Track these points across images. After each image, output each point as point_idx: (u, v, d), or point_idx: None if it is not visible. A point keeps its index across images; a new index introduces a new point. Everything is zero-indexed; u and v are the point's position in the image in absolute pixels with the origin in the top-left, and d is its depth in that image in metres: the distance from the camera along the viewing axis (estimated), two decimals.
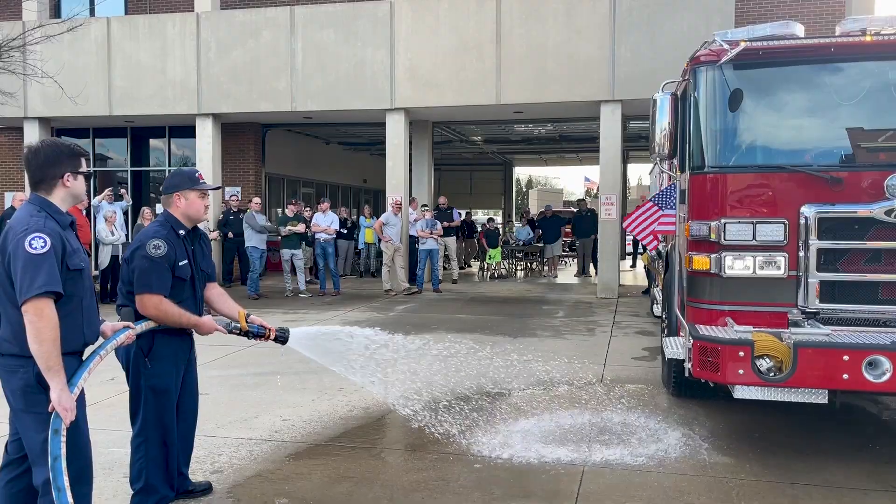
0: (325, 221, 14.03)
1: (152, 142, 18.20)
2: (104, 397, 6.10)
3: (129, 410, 3.84)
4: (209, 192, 4.00)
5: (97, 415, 5.72)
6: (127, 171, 18.15)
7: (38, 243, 2.86)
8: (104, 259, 12.45)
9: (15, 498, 3.17)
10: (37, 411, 2.97)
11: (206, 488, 4.24)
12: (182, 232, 3.84)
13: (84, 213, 12.00)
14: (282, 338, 4.01)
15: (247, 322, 3.90)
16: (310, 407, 6.02)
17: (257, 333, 3.93)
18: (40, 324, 2.84)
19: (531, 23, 13.55)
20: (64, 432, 2.89)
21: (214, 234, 14.05)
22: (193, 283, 3.88)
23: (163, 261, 3.67)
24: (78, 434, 3.08)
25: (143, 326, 3.58)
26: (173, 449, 3.90)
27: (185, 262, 3.81)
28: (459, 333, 9.41)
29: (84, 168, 3.15)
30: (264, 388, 6.67)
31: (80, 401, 3.09)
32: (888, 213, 4.54)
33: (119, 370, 3.88)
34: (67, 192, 3.09)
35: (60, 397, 2.88)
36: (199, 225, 4.06)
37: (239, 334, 3.92)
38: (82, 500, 3.09)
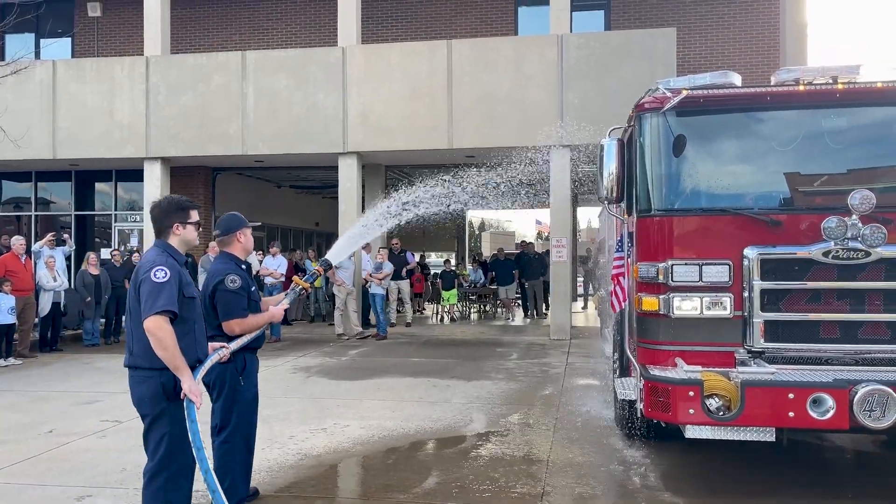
0: (274, 265, 13.82)
1: (98, 185, 17.80)
2: (42, 450, 5.84)
3: (217, 421, 4.42)
4: None
5: (35, 468, 5.47)
6: (71, 215, 17.70)
7: (160, 274, 3.59)
8: (45, 306, 11.92)
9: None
10: (158, 414, 3.61)
11: (254, 494, 4.75)
12: (244, 266, 4.54)
13: (23, 258, 11.52)
14: (327, 264, 5.05)
15: (300, 279, 4.83)
16: (259, 456, 5.81)
17: (314, 279, 4.98)
18: (160, 334, 3.49)
19: (482, 70, 13.84)
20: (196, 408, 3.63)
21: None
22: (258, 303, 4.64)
23: (240, 290, 4.37)
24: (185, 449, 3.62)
25: (236, 344, 4.24)
26: (253, 453, 4.56)
27: (254, 287, 4.55)
28: (414, 377, 9.33)
29: (193, 219, 3.88)
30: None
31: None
32: (826, 254, 4.69)
33: (56, 422, 3.75)
34: (179, 239, 3.84)
35: (191, 387, 3.58)
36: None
37: (305, 290, 4.87)
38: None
